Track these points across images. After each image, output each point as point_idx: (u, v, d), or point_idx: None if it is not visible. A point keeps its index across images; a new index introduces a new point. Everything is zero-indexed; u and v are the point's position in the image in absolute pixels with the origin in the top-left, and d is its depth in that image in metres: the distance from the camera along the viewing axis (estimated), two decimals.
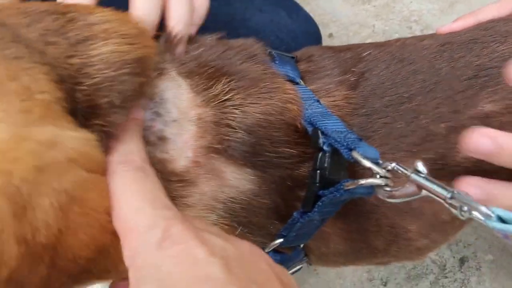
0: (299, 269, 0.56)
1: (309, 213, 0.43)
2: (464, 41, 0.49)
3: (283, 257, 0.51)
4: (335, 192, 0.41)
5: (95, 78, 0.34)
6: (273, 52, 0.51)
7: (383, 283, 1.08)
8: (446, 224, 0.51)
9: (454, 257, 1.10)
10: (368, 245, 0.52)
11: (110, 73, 0.35)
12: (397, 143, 0.47)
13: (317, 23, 0.89)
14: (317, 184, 0.42)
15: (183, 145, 0.42)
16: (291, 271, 0.55)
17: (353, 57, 0.51)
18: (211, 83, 0.43)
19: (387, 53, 0.51)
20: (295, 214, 0.45)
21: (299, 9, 0.90)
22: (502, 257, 1.09)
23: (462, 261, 1.09)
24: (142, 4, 0.42)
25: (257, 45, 0.51)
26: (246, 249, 0.31)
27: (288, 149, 0.45)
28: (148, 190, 0.32)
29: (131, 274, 0.29)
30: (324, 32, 1.15)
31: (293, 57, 0.52)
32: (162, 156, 0.41)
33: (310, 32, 0.87)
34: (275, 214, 0.47)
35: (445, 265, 1.09)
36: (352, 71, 0.50)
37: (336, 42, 1.37)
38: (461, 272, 1.09)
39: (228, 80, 0.44)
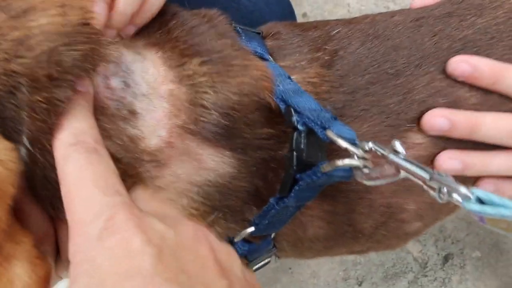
0: (266, 263, 0.58)
1: (285, 199, 0.45)
2: (438, 15, 0.52)
3: (251, 246, 0.52)
4: (312, 176, 0.42)
5: (34, 50, 0.36)
6: (237, 27, 0.52)
7: (358, 283, 1.11)
8: (443, 204, 0.53)
9: (438, 254, 1.13)
10: (353, 229, 0.54)
11: (48, 44, 0.36)
12: (393, 120, 0.49)
13: (290, 1, 0.91)
14: (294, 167, 0.43)
15: (156, 123, 0.43)
16: (258, 265, 0.57)
17: (322, 35, 0.53)
18: (184, 60, 0.45)
19: (358, 30, 0.53)
20: (271, 200, 0.46)
21: None
22: (490, 254, 1.13)
23: (446, 258, 1.13)
24: None
25: (221, 17, 0.52)
26: (188, 233, 0.32)
27: (267, 129, 0.47)
28: (100, 175, 0.33)
29: (70, 272, 0.30)
30: (297, 11, 1.16)
31: (258, 33, 0.54)
32: (135, 132, 0.42)
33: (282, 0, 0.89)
34: (254, 198, 0.48)
35: (426, 263, 1.12)
36: (324, 49, 0.52)
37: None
38: (443, 270, 1.12)
39: (200, 60, 0.45)
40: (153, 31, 0.46)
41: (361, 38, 0.52)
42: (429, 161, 0.51)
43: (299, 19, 1.23)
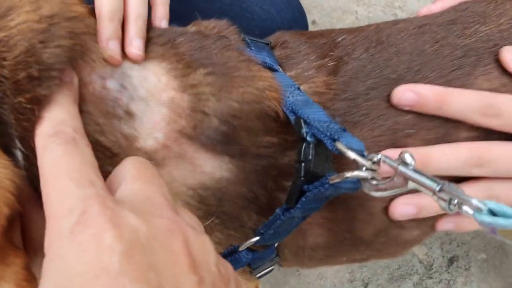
0: (269, 271, 0.58)
1: (291, 210, 0.44)
2: (441, 22, 0.52)
3: (255, 255, 0.52)
4: (319, 187, 0.42)
5: (14, 51, 0.35)
6: (246, 38, 0.52)
7: (364, 284, 1.10)
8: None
9: (443, 256, 1.13)
10: (353, 236, 0.53)
11: (24, 44, 0.35)
12: (392, 124, 0.49)
13: (302, 8, 0.91)
14: (302, 178, 0.43)
15: (152, 126, 0.43)
16: (261, 273, 0.57)
17: (328, 42, 0.53)
18: (189, 71, 0.45)
19: (363, 37, 0.53)
20: (277, 210, 0.45)
21: None
22: (495, 257, 1.12)
23: (451, 260, 1.12)
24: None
25: (231, 28, 0.53)
26: (162, 226, 0.31)
27: (268, 137, 0.47)
28: (75, 167, 0.32)
29: (42, 268, 0.29)
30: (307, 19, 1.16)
31: (267, 43, 0.54)
32: (130, 131, 0.42)
33: (293, 6, 0.89)
34: (253, 205, 0.48)
35: (432, 265, 1.12)
36: (330, 55, 0.52)
37: (320, 29, 1.38)
38: (448, 272, 1.11)
39: (205, 71, 0.45)
40: (157, 45, 0.46)
41: (365, 44, 0.52)
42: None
43: (309, 26, 1.23)
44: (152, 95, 0.43)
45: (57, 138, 0.33)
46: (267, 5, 0.84)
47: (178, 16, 0.53)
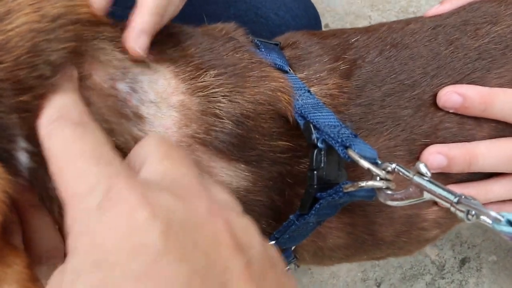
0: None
1: (305, 216, 0.43)
2: (455, 23, 0.50)
3: None
4: (333, 195, 0.41)
5: (13, 53, 0.34)
6: (255, 40, 0.51)
7: (377, 284, 1.09)
8: None
9: (455, 257, 1.11)
10: (373, 237, 0.52)
11: (25, 44, 0.34)
12: (408, 134, 0.47)
13: (317, 13, 0.90)
14: (315, 186, 0.41)
15: (164, 130, 0.41)
16: None
17: (340, 43, 0.51)
18: (198, 73, 0.43)
19: (376, 38, 0.51)
20: (291, 217, 0.44)
21: None
22: (506, 258, 1.10)
23: (463, 261, 1.10)
24: None
25: (238, 29, 0.51)
26: (201, 206, 0.28)
27: (283, 142, 0.45)
28: (90, 147, 0.29)
29: (68, 246, 0.26)
30: None
31: (276, 44, 0.52)
32: (139, 134, 0.40)
33: (309, 13, 0.87)
34: (271, 212, 0.46)
35: (444, 266, 1.10)
36: (343, 58, 0.50)
37: None
38: (460, 273, 1.10)
39: (216, 72, 0.43)
40: (167, 48, 0.44)
41: (379, 46, 0.50)
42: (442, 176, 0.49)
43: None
44: (163, 99, 0.41)
45: (62, 121, 0.31)
46: (283, 11, 0.82)
47: (192, 22, 0.51)
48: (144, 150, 0.31)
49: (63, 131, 0.30)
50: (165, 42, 0.44)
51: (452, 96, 0.46)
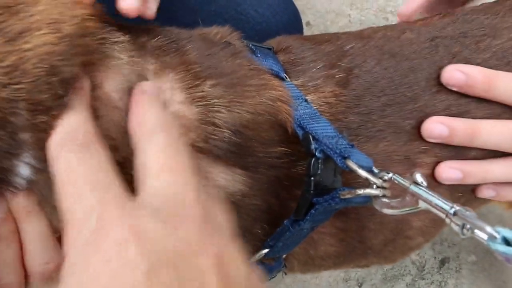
0: (273, 277, 0.57)
1: (300, 222, 0.43)
2: (453, 35, 0.50)
3: (265, 268, 0.51)
4: (330, 201, 0.41)
5: (30, 74, 0.34)
6: (251, 44, 0.50)
7: (359, 284, 1.10)
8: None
9: (435, 257, 1.12)
10: (363, 245, 0.52)
11: (43, 66, 0.34)
12: (408, 142, 0.47)
13: (297, 10, 0.90)
14: (311, 192, 0.42)
15: None
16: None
17: (335, 50, 0.51)
18: (197, 82, 0.42)
19: (373, 47, 0.51)
20: (285, 222, 0.44)
21: None
22: (485, 259, 1.12)
23: (443, 262, 1.12)
24: None
25: (233, 34, 0.51)
26: (188, 239, 0.28)
27: (281, 148, 0.45)
28: (91, 171, 0.30)
29: (63, 274, 0.27)
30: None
31: (270, 48, 0.52)
32: None
33: (289, 9, 0.87)
34: (266, 216, 0.46)
35: (424, 266, 1.11)
36: (338, 66, 0.49)
37: (314, 31, 1.39)
38: (440, 274, 1.11)
39: (214, 82, 0.43)
40: (167, 53, 0.43)
41: (376, 56, 0.50)
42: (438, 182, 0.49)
43: (304, 28, 1.22)
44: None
45: (69, 145, 0.32)
46: (263, 8, 0.82)
47: (173, 16, 0.50)
48: (147, 158, 0.32)
49: (68, 155, 0.31)
50: (166, 48, 0.44)
51: (456, 73, 0.46)
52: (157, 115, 0.36)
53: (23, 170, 0.35)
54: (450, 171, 0.47)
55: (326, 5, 1.41)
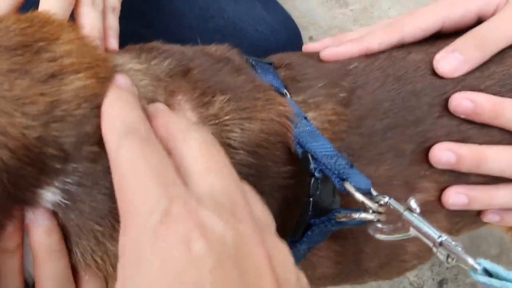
0: None
1: (297, 243, 0.44)
2: None
3: None
4: (326, 222, 0.42)
5: (72, 115, 0.35)
6: (251, 60, 0.51)
7: None
8: None
9: (433, 278, 1.12)
10: (359, 268, 0.52)
11: (86, 107, 0.35)
12: (409, 166, 0.48)
13: (297, 26, 0.90)
14: (310, 213, 0.42)
15: None
16: None
17: (339, 68, 0.51)
18: (207, 99, 0.43)
19: (377, 68, 0.51)
20: None
21: (274, 2, 0.91)
22: None
23: (441, 283, 1.12)
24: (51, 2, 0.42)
25: (232, 50, 0.51)
26: (245, 235, 0.28)
27: (290, 166, 0.45)
28: (154, 165, 0.30)
29: (118, 271, 0.27)
30: (304, 34, 1.14)
31: (270, 63, 0.52)
32: None
33: (289, 27, 0.88)
34: None
35: (422, 287, 1.12)
36: (341, 85, 0.49)
37: None
38: None
39: (224, 97, 0.43)
40: (173, 74, 0.44)
41: (380, 78, 0.50)
42: (436, 207, 0.50)
43: (306, 42, 1.21)
44: None
45: (131, 136, 0.31)
46: (262, 27, 0.83)
47: (170, 33, 0.51)
48: (189, 155, 0.32)
49: (131, 146, 0.30)
50: (171, 67, 0.44)
51: (463, 101, 0.47)
52: (180, 119, 0.36)
53: (50, 195, 0.36)
54: (456, 196, 0.48)
55: (329, 21, 1.41)
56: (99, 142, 0.34)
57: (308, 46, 0.57)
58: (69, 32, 0.39)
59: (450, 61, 0.49)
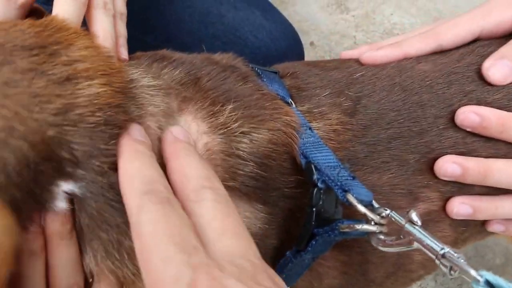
0: None
1: (302, 253, 0.44)
2: (469, 74, 0.51)
3: None
4: (330, 232, 0.42)
5: (86, 120, 0.35)
6: (256, 68, 0.51)
7: None
8: None
9: None
10: (365, 278, 0.52)
11: (100, 115, 0.36)
12: (412, 176, 0.48)
13: (297, 30, 0.91)
14: (313, 222, 0.42)
15: None
16: None
17: (344, 77, 0.51)
18: (216, 108, 0.43)
19: (384, 77, 0.51)
20: (288, 253, 0.45)
21: (273, 10, 0.91)
22: None
23: None
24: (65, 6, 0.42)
25: (238, 59, 0.51)
26: None
27: (296, 176, 0.45)
28: (175, 230, 0.29)
29: None
30: (305, 40, 1.14)
31: (275, 72, 0.52)
32: None
33: (288, 34, 0.88)
34: (276, 252, 0.47)
35: None
36: (346, 94, 0.49)
37: (318, 51, 1.39)
38: None
39: (232, 106, 0.43)
40: (184, 83, 0.44)
41: (386, 87, 0.50)
42: (440, 217, 0.50)
43: (307, 47, 1.19)
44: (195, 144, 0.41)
45: (152, 196, 0.31)
46: (262, 34, 0.83)
47: (171, 38, 0.51)
48: (204, 215, 0.32)
49: (152, 208, 0.30)
50: (180, 76, 0.44)
51: (470, 115, 0.47)
52: (196, 166, 0.35)
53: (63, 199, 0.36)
54: (461, 206, 0.48)
55: (331, 27, 1.41)
56: (109, 163, 0.35)
57: (346, 54, 0.57)
58: (84, 39, 0.39)
59: (500, 68, 0.49)
